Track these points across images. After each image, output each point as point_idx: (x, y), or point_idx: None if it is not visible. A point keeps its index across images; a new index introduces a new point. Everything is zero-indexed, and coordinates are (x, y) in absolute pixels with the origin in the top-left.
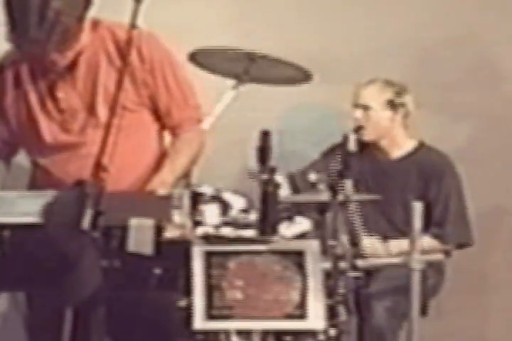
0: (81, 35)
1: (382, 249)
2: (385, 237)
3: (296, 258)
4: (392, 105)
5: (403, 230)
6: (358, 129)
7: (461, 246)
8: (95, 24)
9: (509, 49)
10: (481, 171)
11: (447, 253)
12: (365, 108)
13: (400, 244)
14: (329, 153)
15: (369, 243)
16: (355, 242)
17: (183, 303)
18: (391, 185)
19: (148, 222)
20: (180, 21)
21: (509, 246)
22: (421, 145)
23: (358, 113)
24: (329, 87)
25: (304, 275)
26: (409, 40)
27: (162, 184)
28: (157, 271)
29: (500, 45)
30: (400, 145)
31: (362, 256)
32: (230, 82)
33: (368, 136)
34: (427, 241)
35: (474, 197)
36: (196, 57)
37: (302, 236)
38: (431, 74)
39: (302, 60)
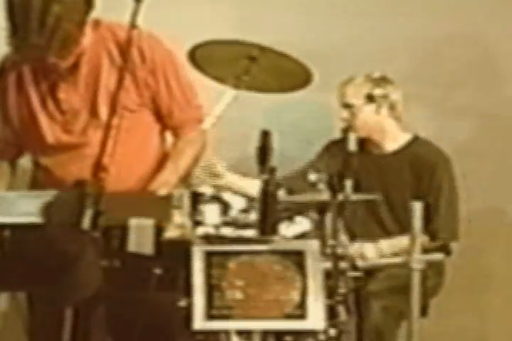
0: (82, 40)
1: (372, 251)
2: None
3: (296, 258)
4: (372, 98)
5: (392, 230)
6: (346, 131)
7: (448, 241)
8: (96, 24)
9: (510, 49)
10: (481, 170)
11: (447, 251)
12: (349, 106)
13: (392, 244)
14: (325, 152)
15: (357, 248)
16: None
17: (183, 303)
18: (385, 180)
19: (149, 222)
20: (181, 21)
21: (509, 245)
22: (415, 139)
23: (344, 113)
24: (329, 87)
25: (304, 275)
26: (409, 39)
27: (165, 184)
28: (157, 271)
29: (502, 45)
30: (394, 139)
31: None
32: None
33: (358, 133)
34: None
35: (473, 196)
36: (195, 58)
37: (302, 236)
38: (431, 74)
39: (301, 60)
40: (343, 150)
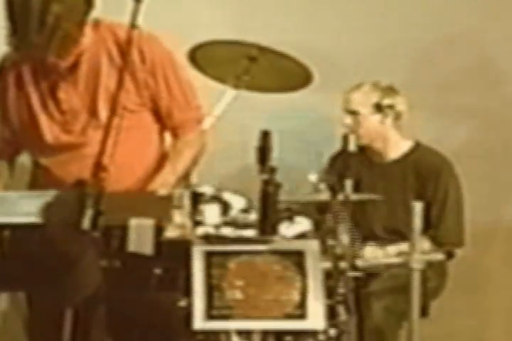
0: (81, 39)
1: (382, 255)
2: (381, 240)
3: (296, 258)
4: (380, 108)
5: (402, 232)
6: (346, 137)
7: (454, 248)
8: (96, 24)
9: (507, 49)
10: (479, 173)
11: (450, 255)
12: (354, 113)
13: (397, 249)
14: (336, 157)
15: (370, 252)
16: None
17: (183, 303)
18: (388, 187)
19: (149, 222)
20: (180, 21)
21: (508, 246)
22: (417, 146)
23: (348, 119)
24: (329, 88)
25: (304, 276)
26: (406, 40)
27: (163, 185)
28: (157, 271)
29: (499, 46)
30: (396, 147)
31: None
32: (230, 83)
33: (359, 141)
34: (426, 244)
35: (472, 198)
36: (195, 58)
37: (302, 236)
38: (428, 75)
39: (301, 60)
40: (343, 153)
